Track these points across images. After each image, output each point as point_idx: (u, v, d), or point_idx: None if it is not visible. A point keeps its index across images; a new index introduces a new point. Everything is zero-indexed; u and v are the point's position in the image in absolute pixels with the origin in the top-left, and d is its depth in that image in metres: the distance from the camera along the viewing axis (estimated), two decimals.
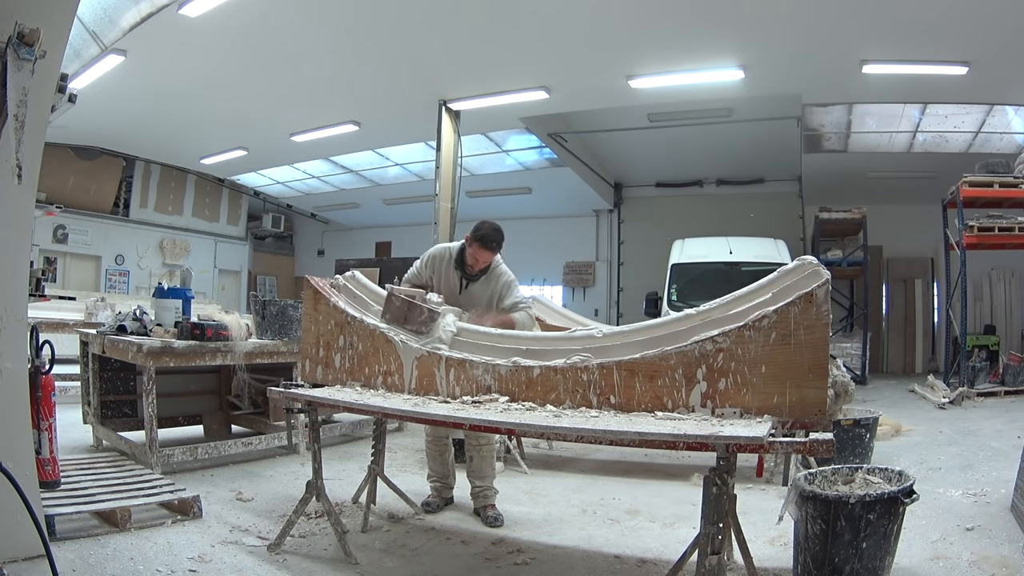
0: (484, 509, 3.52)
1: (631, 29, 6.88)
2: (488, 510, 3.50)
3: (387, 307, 3.15)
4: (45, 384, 3.15)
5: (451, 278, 3.60)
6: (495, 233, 3.50)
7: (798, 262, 2.44)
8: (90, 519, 3.05)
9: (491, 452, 3.67)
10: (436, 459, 3.72)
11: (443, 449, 3.72)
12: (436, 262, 3.65)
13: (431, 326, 3.06)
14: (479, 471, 3.57)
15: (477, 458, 3.58)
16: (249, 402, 5.27)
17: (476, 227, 3.50)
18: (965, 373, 8.03)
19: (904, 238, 12.00)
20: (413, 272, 3.72)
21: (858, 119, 9.31)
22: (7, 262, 2.58)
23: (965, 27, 6.32)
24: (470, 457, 3.58)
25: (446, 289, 3.56)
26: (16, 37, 2.35)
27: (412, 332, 3.05)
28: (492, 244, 3.49)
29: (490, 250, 3.50)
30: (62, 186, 11.56)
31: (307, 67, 8.15)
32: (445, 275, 3.61)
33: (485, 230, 3.48)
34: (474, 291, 3.58)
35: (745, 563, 2.24)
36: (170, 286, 5.22)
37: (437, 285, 3.60)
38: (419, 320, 3.07)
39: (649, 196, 13.66)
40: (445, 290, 3.54)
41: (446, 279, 3.60)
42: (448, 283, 3.59)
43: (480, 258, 3.50)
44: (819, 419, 2.24)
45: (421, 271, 3.68)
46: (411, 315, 3.08)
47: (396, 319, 3.10)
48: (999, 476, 4.06)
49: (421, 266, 3.69)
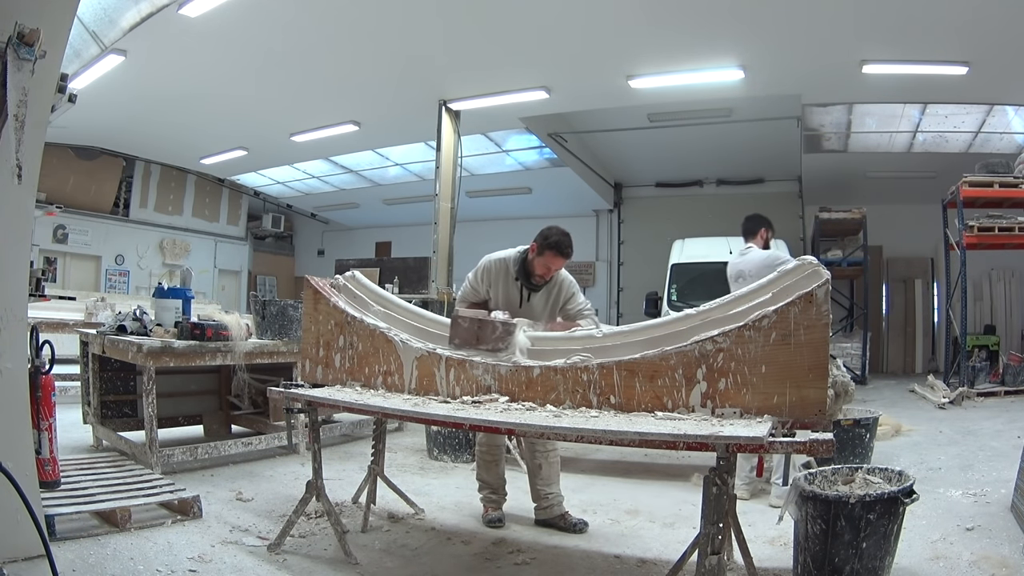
0: (562, 518, 3.36)
1: (631, 29, 6.88)
2: (568, 517, 3.36)
3: (454, 331, 2.95)
4: (45, 384, 3.15)
5: (511, 290, 3.37)
6: (568, 238, 3.29)
7: (798, 262, 2.45)
8: (90, 519, 3.05)
9: (557, 457, 3.51)
10: (490, 469, 3.51)
11: (498, 458, 3.52)
12: (493, 275, 3.40)
13: (508, 341, 2.86)
14: (548, 478, 3.41)
15: (545, 465, 3.41)
16: (249, 402, 5.27)
17: (544, 234, 3.27)
18: (965, 373, 8.03)
19: (904, 238, 12.00)
20: (468, 289, 3.48)
21: (858, 119, 9.31)
22: (7, 262, 2.58)
23: (965, 27, 6.32)
24: (538, 465, 3.42)
25: (505, 303, 3.34)
26: (16, 37, 2.35)
27: (487, 352, 2.86)
28: (567, 250, 3.27)
29: (565, 257, 3.28)
30: (62, 186, 11.56)
31: (307, 67, 8.15)
32: (504, 288, 3.37)
33: (557, 236, 3.26)
34: (535, 302, 3.36)
35: (745, 563, 2.24)
36: (170, 286, 5.22)
37: (495, 299, 3.37)
38: (493, 338, 2.87)
39: (649, 196, 13.66)
40: (504, 304, 3.33)
41: (505, 292, 3.37)
42: (508, 296, 3.37)
43: (554, 266, 3.29)
44: (819, 419, 2.24)
45: (476, 286, 3.44)
46: (483, 334, 2.89)
47: (467, 341, 2.91)
48: (999, 476, 4.06)
49: (475, 281, 3.45)
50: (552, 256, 3.25)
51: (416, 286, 8.28)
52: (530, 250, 3.32)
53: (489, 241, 16.60)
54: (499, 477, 3.53)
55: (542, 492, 3.41)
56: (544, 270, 3.28)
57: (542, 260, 3.26)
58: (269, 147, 11.64)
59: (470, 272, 3.54)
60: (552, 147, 10.81)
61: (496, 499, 3.50)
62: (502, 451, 3.55)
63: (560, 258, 3.27)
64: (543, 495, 3.41)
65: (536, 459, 3.43)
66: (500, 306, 3.30)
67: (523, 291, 3.36)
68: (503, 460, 3.54)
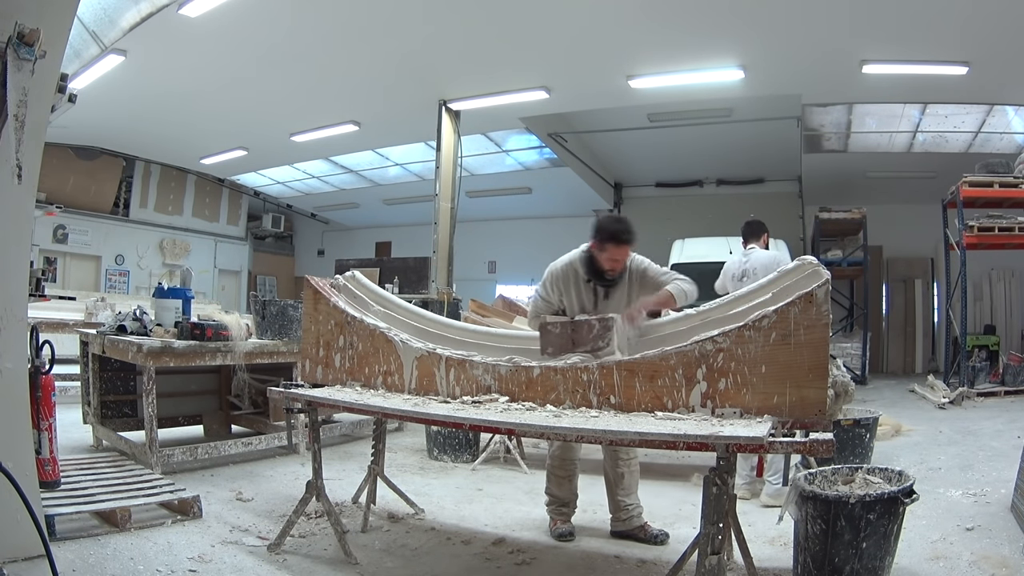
0: (642, 529, 3.22)
1: (631, 29, 6.89)
2: (648, 528, 3.22)
3: (546, 340, 2.79)
4: (45, 384, 3.15)
5: (583, 294, 3.17)
6: (623, 224, 3.09)
7: (798, 262, 2.45)
8: (90, 519, 3.05)
9: (638, 465, 3.36)
10: (563, 485, 3.32)
11: (572, 473, 3.35)
12: (562, 281, 3.19)
13: (608, 337, 2.70)
14: (628, 488, 3.26)
15: (627, 474, 3.27)
16: (249, 402, 5.27)
17: (597, 227, 3.08)
18: (965, 373, 8.02)
19: (904, 238, 12.00)
20: (539, 304, 3.25)
21: (858, 119, 9.31)
22: (7, 262, 2.58)
23: (965, 27, 6.32)
24: (620, 474, 3.25)
25: (580, 308, 3.16)
26: (16, 37, 2.35)
27: (588, 353, 2.71)
28: (626, 236, 3.04)
29: (627, 243, 3.05)
30: (62, 186, 11.56)
31: (307, 67, 8.15)
32: (577, 293, 3.17)
33: (611, 226, 3.07)
34: (613, 298, 3.15)
35: (745, 563, 2.24)
36: (170, 286, 5.22)
37: (570, 306, 3.18)
38: (591, 337, 2.72)
39: (649, 196, 13.65)
40: (579, 310, 3.15)
41: (579, 296, 3.17)
42: (581, 300, 3.17)
43: (619, 257, 3.07)
44: (819, 419, 2.24)
45: (548, 297, 3.22)
46: (579, 336, 2.74)
47: (562, 347, 2.76)
48: (999, 476, 4.06)
49: (547, 293, 3.23)
50: (614, 248, 3.04)
51: (416, 286, 8.28)
52: (592, 247, 3.13)
53: (489, 241, 16.62)
54: (571, 492, 3.35)
55: (622, 503, 3.25)
56: (612, 264, 3.08)
57: (606, 255, 3.06)
58: (269, 147, 11.64)
59: (536, 287, 3.35)
60: (552, 147, 10.82)
61: (566, 512, 3.33)
62: (576, 466, 3.37)
63: (624, 246, 3.05)
64: (623, 506, 3.25)
65: (618, 468, 3.26)
66: (575, 311, 3.14)
67: (597, 291, 3.17)
68: (577, 475, 3.36)
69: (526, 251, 14.66)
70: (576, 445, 3.28)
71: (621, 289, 3.15)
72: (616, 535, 3.25)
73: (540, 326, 2.90)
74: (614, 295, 3.15)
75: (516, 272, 14.71)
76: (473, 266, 13.75)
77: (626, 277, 3.15)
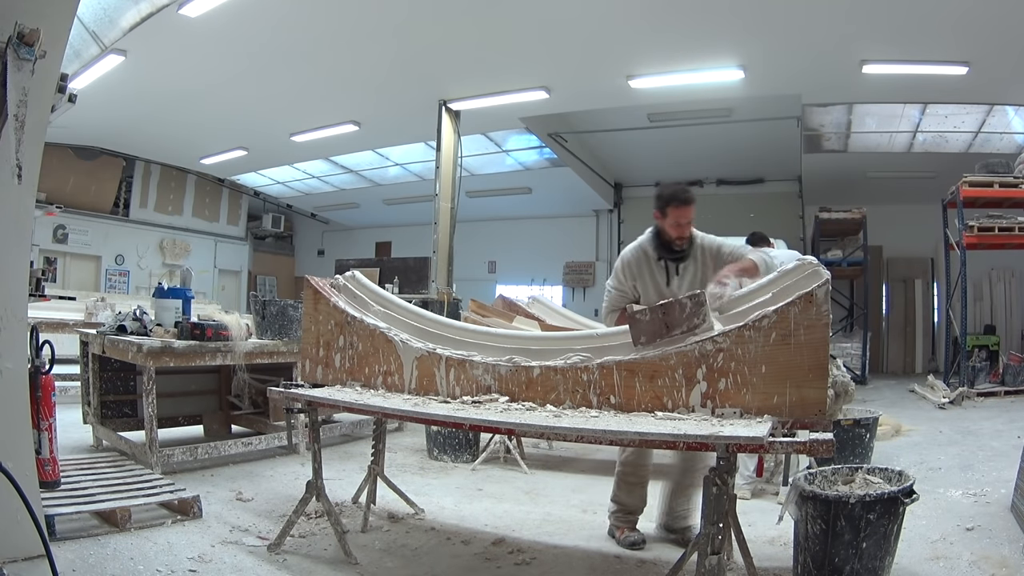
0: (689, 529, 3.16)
1: (631, 29, 6.89)
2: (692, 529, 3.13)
3: (636, 330, 2.61)
4: (45, 384, 3.15)
5: (656, 275, 3.11)
6: (680, 185, 3.06)
7: (798, 262, 2.45)
8: (90, 519, 3.04)
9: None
10: (633, 491, 3.20)
11: (644, 480, 3.24)
12: (635, 266, 3.14)
13: (701, 312, 2.52)
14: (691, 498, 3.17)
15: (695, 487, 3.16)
16: (249, 402, 5.27)
17: (657, 195, 3.05)
18: (965, 373, 8.03)
19: (904, 238, 12.00)
20: (614, 296, 3.19)
21: (858, 119, 9.31)
22: (7, 262, 2.57)
23: (965, 27, 6.32)
24: (688, 484, 3.17)
25: (655, 292, 3.08)
26: (16, 37, 2.35)
27: (684, 334, 2.53)
28: (685, 195, 3.01)
29: (689, 203, 3.01)
30: (62, 186, 11.56)
31: (307, 67, 8.15)
32: (650, 275, 3.11)
33: (670, 189, 3.05)
34: (685, 277, 3.09)
35: (745, 563, 2.24)
36: (170, 286, 5.22)
37: (644, 292, 3.10)
38: (684, 317, 2.52)
39: (649, 196, 13.49)
40: (654, 291, 3.08)
41: (651, 279, 3.11)
42: (655, 282, 3.11)
43: (684, 219, 3.01)
44: (819, 419, 2.24)
45: (623, 286, 3.16)
46: (671, 318, 2.55)
47: (655, 333, 2.57)
48: (999, 476, 4.06)
49: (620, 282, 3.17)
50: (676, 209, 3.00)
51: (416, 286, 8.29)
52: (655, 220, 3.10)
53: (489, 241, 16.64)
54: (642, 500, 3.23)
55: (679, 507, 3.20)
56: (678, 230, 3.03)
57: (670, 220, 3.02)
58: (269, 147, 11.64)
59: (608, 280, 3.29)
60: (552, 147, 10.82)
61: (632, 520, 3.21)
62: (648, 472, 3.24)
63: (685, 207, 3.00)
64: (679, 509, 3.20)
65: (693, 478, 3.14)
66: (650, 296, 3.06)
67: (668, 268, 3.11)
68: (648, 482, 3.24)
69: (526, 251, 14.68)
70: (650, 451, 3.17)
71: (693, 267, 3.08)
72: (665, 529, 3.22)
73: (627, 317, 2.69)
74: (686, 275, 3.08)
75: (516, 272, 14.72)
76: (473, 266, 13.75)
77: (697, 255, 3.10)
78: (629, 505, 3.21)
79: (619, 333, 2.73)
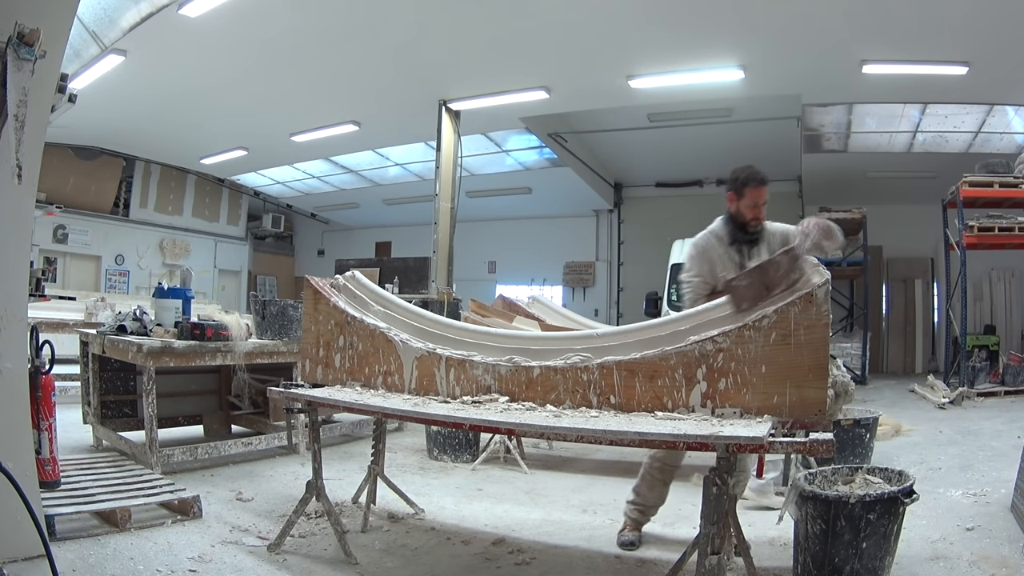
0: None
1: (631, 29, 6.89)
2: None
3: (738, 297, 2.48)
4: (45, 384, 3.15)
5: (728, 260, 3.08)
6: (753, 167, 3.05)
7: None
8: (90, 519, 3.05)
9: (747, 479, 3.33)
10: (655, 487, 3.16)
11: (668, 479, 3.19)
12: (708, 252, 3.12)
13: (798, 265, 2.44)
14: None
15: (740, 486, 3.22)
16: (249, 402, 5.27)
17: (733, 178, 3.07)
18: (965, 373, 8.03)
19: (904, 238, 12.00)
20: (696, 283, 3.12)
21: (858, 119, 9.31)
22: (7, 262, 2.57)
23: (965, 27, 6.32)
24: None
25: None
26: (16, 37, 2.35)
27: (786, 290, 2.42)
28: (760, 175, 3.03)
29: (764, 184, 3.03)
30: (62, 186, 11.57)
31: (307, 67, 8.16)
32: (722, 259, 3.09)
33: (746, 171, 3.05)
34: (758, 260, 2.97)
35: (745, 563, 2.24)
36: (170, 286, 5.22)
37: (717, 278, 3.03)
38: (781, 274, 2.44)
39: (649, 196, 13.67)
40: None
41: (722, 263, 3.08)
42: (726, 267, 3.06)
43: (761, 200, 3.03)
44: (819, 419, 2.24)
45: (702, 273, 3.11)
46: (771, 278, 2.46)
47: (757, 297, 2.45)
48: (999, 476, 4.06)
49: (696, 270, 3.13)
50: (753, 190, 3.03)
51: (416, 286, 8.29)
52: (729, 204, 3.12)
53: (489, 241, 16.65)
54: (660, 498, 3.20)
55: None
56: (755, 210, 3.05)
57: (746, 201, 3.04)
58: (269, 147, 11.64)
59: (682, 275, 3.24)
60: (552, 147, 10.82)
61: (643, 519, 3.20)
62: (673, 474, 3.19)
63: (761, 187, 3.03)
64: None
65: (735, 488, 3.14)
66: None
67: (742, 253, 3.09)
68: (671, 482, 3.21)
69: (526, 251, 14.69)
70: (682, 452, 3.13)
71: (767, 251, 3.05)
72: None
73: (725, 286, 2.58)
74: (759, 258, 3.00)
75: (516, 272, 14.73)
76: (473, 266, 13.76)
77: (767, 238, 3.10)
78: (648, 500, 3.18)
79: (619, 334, 2.73)
